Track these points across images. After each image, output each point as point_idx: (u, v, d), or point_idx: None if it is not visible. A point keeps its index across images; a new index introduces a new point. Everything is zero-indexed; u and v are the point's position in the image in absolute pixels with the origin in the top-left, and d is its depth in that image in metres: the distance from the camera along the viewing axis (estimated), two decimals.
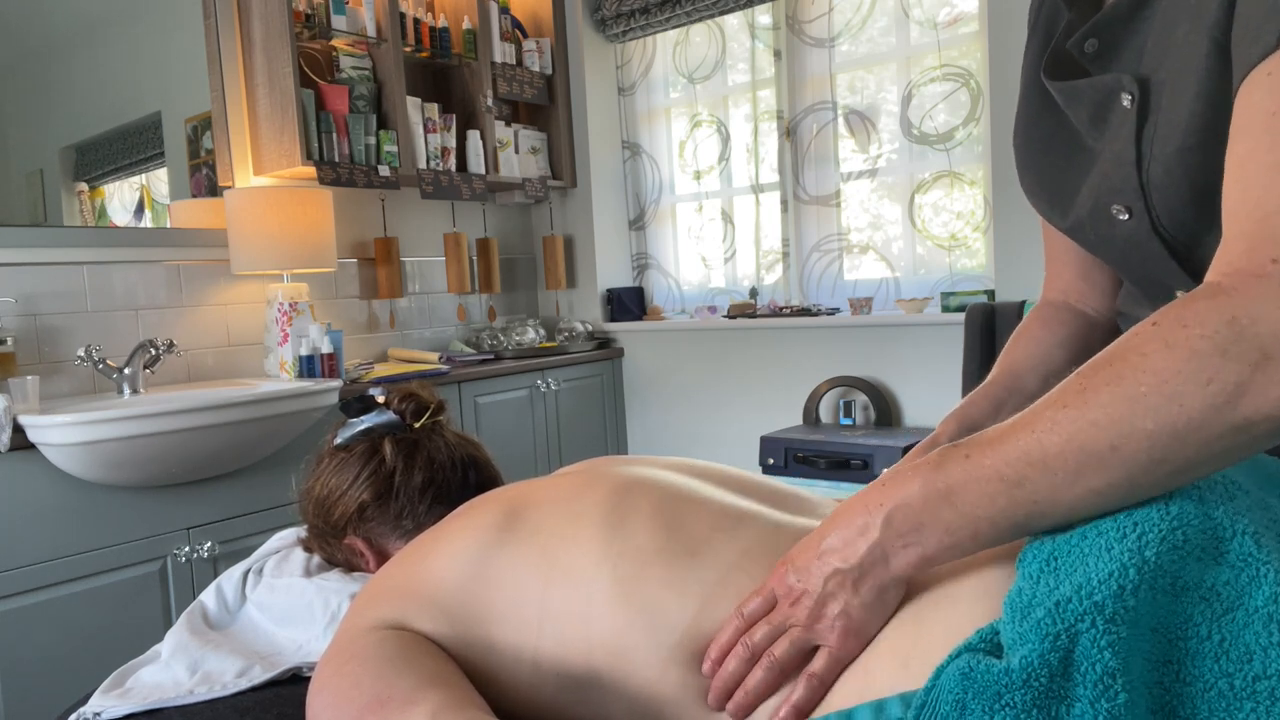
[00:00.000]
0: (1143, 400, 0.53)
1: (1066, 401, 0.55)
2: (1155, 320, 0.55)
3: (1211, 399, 0.52)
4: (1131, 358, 0.54)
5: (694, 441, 3.29)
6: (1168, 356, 0.53)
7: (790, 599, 0.63)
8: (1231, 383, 0.51)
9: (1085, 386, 0.55)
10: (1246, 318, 0.52)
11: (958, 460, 0.58)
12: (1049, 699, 0.50)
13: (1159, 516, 0.55)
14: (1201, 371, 0.52)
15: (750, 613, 0.65)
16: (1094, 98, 0.78)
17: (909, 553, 0.59)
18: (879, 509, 0.60)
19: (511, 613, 0.71)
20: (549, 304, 3.63)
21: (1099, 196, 0.79)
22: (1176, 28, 0.70)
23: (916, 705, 0.52)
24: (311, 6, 2.70)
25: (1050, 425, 0.55)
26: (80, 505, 1.94)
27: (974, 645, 0.53)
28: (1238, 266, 0.55)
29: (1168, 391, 0.52)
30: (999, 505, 0.56)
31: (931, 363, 2.74)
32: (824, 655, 0.62)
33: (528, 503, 0.77)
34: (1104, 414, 0.54)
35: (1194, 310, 0.54)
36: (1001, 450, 0.56)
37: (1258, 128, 0.59)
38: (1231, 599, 0.52)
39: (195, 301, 2.57)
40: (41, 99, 2.30)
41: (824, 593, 0.61)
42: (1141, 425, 0.53)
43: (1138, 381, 0.53)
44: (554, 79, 3.42)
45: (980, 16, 2.67)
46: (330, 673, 0.71)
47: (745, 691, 0.63)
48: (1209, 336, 0.52)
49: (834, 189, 3.06)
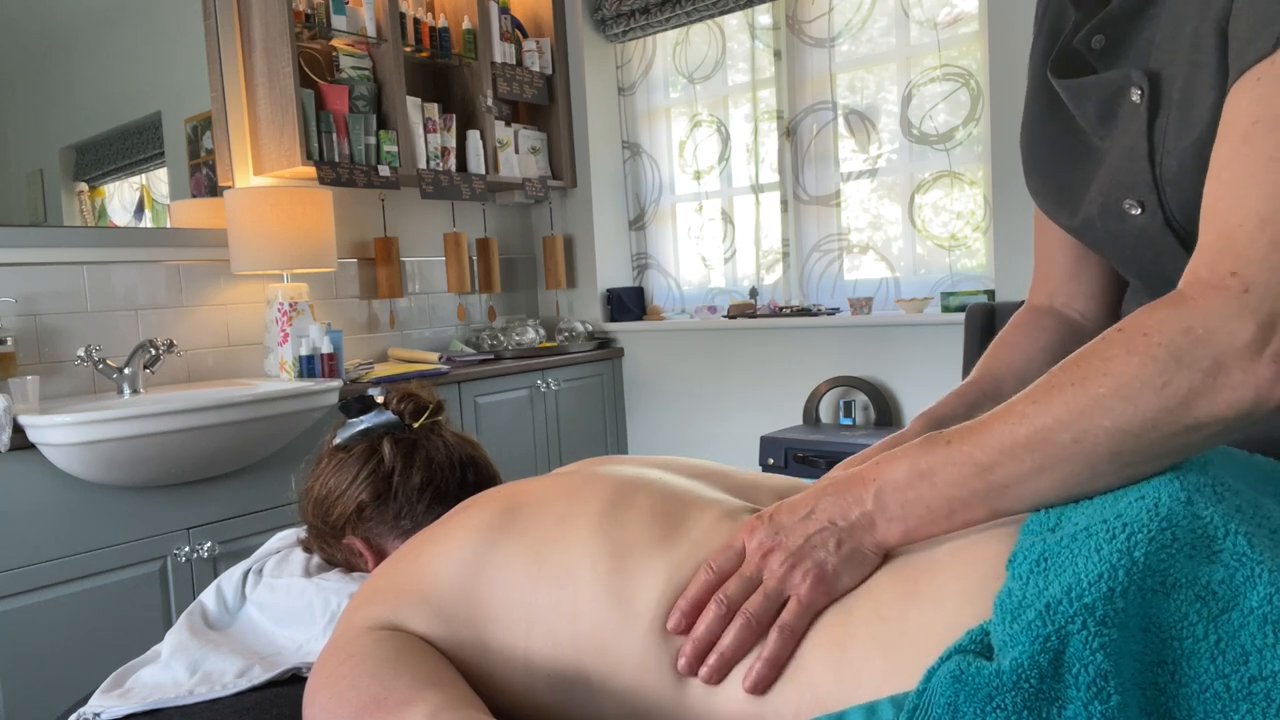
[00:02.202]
0: (1102, 401, 0.57)
1: (1036, 398, 0.60)
2: (1121, 326, 0.60)
3: (1165, 402, 0.56)
4: (1095, 361, 0.59)
5: (694, 441, 3.29)
6: (1127, 361, 0.58)
7: (761, 552, 0.65)
8: (1184, 388, 0.56)
9: (1053, 385, 0.60)
10: (1202, 328, 0.57)
11: (940, 445, 0.63)
12: (1040, 701, 0.50)
13: (1148, 517, 0.55)
14: (1157, 376, 0.56)
15: (720, 566, 0.66)
16: (1102, 94, 0.78)
17: (893, 526, 0.64)
18: (872, 483, 0.65)
19: (503, 612, 0.71)
20: (549, 304, 3.63)
21: (1109, 193, 0.79)
22: (1185, 22, 0.70)
23: (908, 708, 0.52)
24: (311, 6, 2.70)
25: (1020, 418, 0.60)
26: (80, 505, 1.94)
27: (965, 647, 0.54)
28: (1200, 277, 0.59)
29: (1125, 393, 0.57)
30: (973, 487, 0.61)
31: (931, 363, 2.75)
32: (793, 604, 0.63)
33: (523, 502, 0.77)
34: (1066, 411, 0.58)
35: (1155, 318, 0.58)
36: (979, 438, 0.62)
37: (1236, 136, 0.61)
38: (1227, 598, 0.52)
39: (195, 301, 2.57)
40: (41, 99, 2.30)
41: (804, 547, 0.64)
42: (1100, 423, 0.57)
43: (1098, 383, 0.58)
44: (554, 79, 3.42)
45: (980, 16, 2.67)
46: (327, 673, 0.71)
47: (720, 653, 0.63)
48: (1165, 344, 0.57)
49: (834, 189, 3.06)
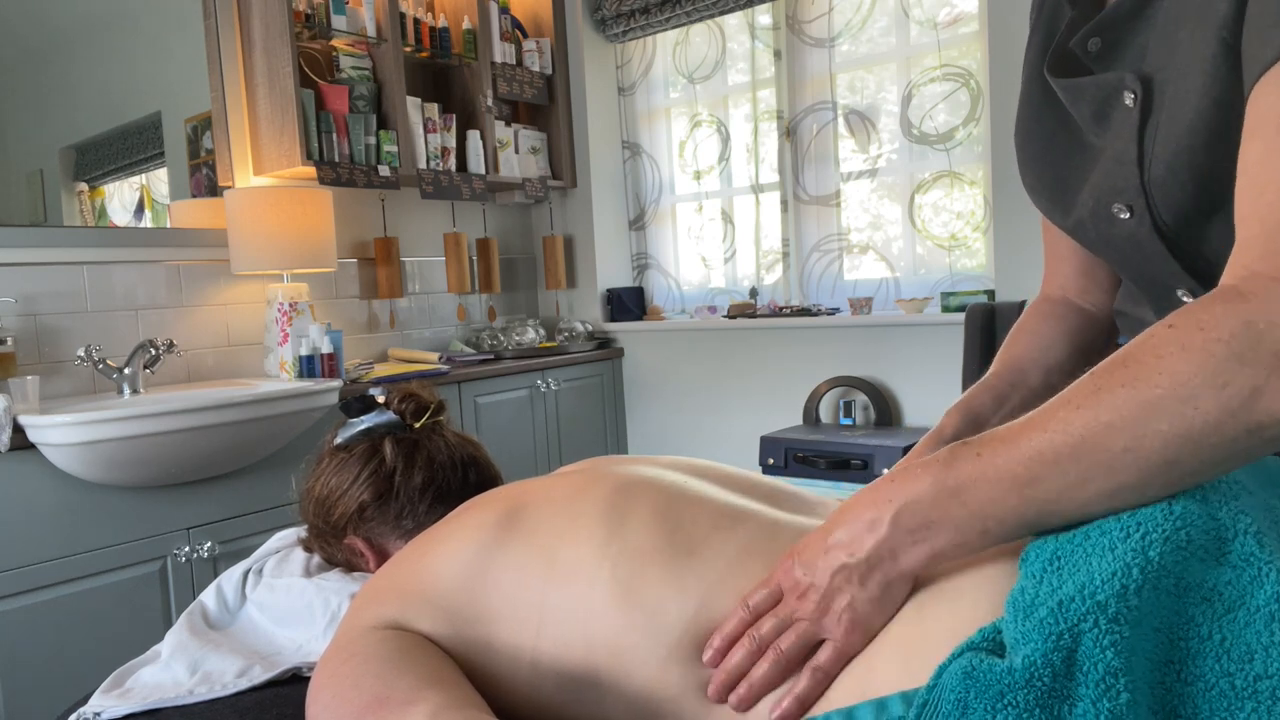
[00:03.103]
0: (1158, 402, 0.53)
1: (1080, 402, 0.55)
2: (1171, 323, 0.55)
3: (1227, 402, 0.51)
4: (1147, 359, 0.54)
5: (694, 441, 3.29)
6: (1183, 359, 0.53)
7: (797, 592, 0.63)
8: (1248, 387, 0.51)
9: (1100, 387, 0.55)
10: (1264, 322, 0.52)
11: (969, 458, 0.58)
12: (1051, 698, 0.50)
13: (1163, 516, 0.55)
14: (1218, 375, 0.52)
15: (756, 605, 0.65)
16: (1097, 95, 0.78)
17: (918, 550, 0.59)
18: (888, 504, 0.60)
19: (510, 612, 0.71)
20: (549, 304, 3.63)
21: (1100, 195, 0.79)
22: (1181, 27, 0.70)
23: (918, 704, 0.52)
24: (311, 6, 2.70)
25: (1064, 425, 0.55)
26: (80, 505, 1.94)
27: (976, 644, 0.53)
28: (1254, 270, 0.55)
29: (1183, 394, 0.52)
30: (1010, 504, 0.56)
31: (931, 363, 2.74)
32: (829, 648, 0.62)
33: (527, 502, 0.77)
34: (1118, 415, 0.53)
35: (1211, 313, 0.54)
36: (1013, 449, 0.56)
37: (1270, 130, 0.59)
38: (1233, 599, 0.52)
39: (195, 301, 2.57)
40: (41, 99, 2.30)
41: (831, 587, 0.61)
42: (1156, 427, 0.52)
43: (1153, 383, 0.53)
44: (554, 79, 3.42)
45: (980, 16, 2.67)
46: (329, 673, 0.71)
47: (750, 684, 0.63)
48: (1225, 340, 0.52)
49: (834, 189, 3.06)
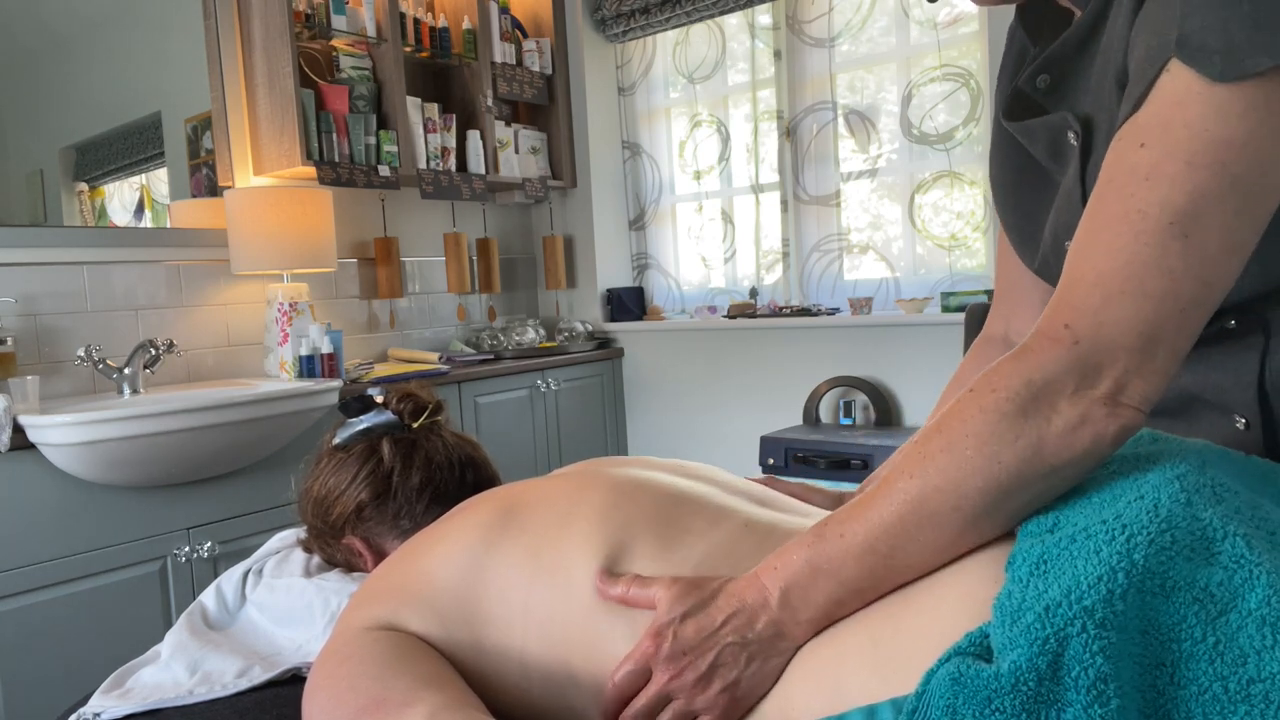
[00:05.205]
0: (969, 463, 0.60)
1: (912, 471, 0.62)
2: (973, 386, 0.62)
3: (1021, 453, 0.59)
4: (955, 424, 0.61)
5: (694, 442, 3.29)
6: (982, 420, 0.60)
7: (671, 670, 0.64)
8: (1034, 437, 0.59)
9: (924, 454, 0.62)
10: (1040, 378, 0.59)
11: (834, 539, 0.63)
12: (1038, 703, 0.50)
13: (1148, 519, 0.56)
14: (1010, 431, 0.59)
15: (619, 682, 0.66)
16: (1047, 136, 0.79)
17: (801, 626, 0.64)
18: (775, 589, 0.64)
19: (499, 613, 0.71)
20: (549, 304, 3.63)
21: (1056, 231, 0.80)
22: (1107, 69, 0.71)
23: (908, 710, 0.52)
24: (311, 6, 2.70)
25: (904, 495, 0.62)
26: (80, 505, 1.94)
27: (963, 649, 0.54)
28: (1040, 329, 0.62)
29: (987, 452, 0.59)
30: (877, 574, 0.62)
31: (931, 363, 2.75)
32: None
33: (520, 503, 0.77)
34: (942, 479, 0.60)
35: (1001, 374, 0.61)
36: (866, 524, 0.62)
37: (1096, 191, 0.63)
38: (1225, 601, 0.53)
39: (195, 301, 2.57)
40: (41, 99, 2.30)
41: (713, 663, 0.64)
42: (973, 484, 0.60)
43: (964, 445, 0.60)
44: (554, 79, 3.42)
45: (980, 16, 2.67)
46: (325, 674, 0.72)
47: None
48: (1011, 399, 0.60)
49: (834, 189, 3.06)
